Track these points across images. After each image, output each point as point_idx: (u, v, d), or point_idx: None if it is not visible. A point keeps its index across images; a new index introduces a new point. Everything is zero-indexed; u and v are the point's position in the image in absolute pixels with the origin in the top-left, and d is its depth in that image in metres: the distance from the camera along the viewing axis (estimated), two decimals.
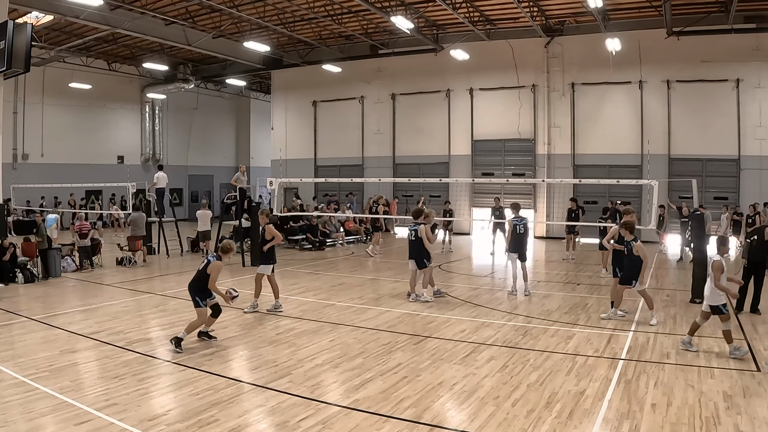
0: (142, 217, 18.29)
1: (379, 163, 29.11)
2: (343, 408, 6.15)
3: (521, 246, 12.63)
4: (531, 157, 25.87)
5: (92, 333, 9.16)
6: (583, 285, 13.99)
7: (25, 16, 20.66)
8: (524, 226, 12.64)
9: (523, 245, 12.66)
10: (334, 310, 11.15)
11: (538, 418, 5.87)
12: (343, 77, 29.49)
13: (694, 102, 22.90)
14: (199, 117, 37.45)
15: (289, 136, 32.35)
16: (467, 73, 26.70)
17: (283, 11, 23.63)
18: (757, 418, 5.82)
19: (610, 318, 10.17)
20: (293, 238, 21.59)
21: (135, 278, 14.88)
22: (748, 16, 20.99)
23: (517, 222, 12.66)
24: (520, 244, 12.62)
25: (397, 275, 15.34)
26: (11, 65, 14.32)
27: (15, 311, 10.82)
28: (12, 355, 7.96)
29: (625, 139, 24.08)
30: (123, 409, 6.02)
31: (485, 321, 10.17)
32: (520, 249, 12.62)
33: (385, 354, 8.14)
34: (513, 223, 12.72)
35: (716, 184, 22.66)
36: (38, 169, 28.22)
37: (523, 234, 12.63)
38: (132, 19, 22.69)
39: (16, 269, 14.06)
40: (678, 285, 13.79)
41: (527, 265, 12.82)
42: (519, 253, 12.59)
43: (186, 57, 31.30)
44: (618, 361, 7.73)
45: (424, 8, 23.24)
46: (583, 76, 24.75)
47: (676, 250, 19.13)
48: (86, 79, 30.15)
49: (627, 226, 10.08)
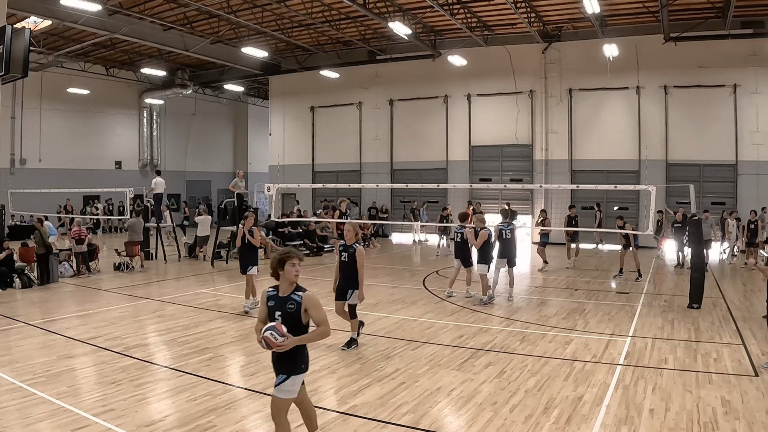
0: (139, 222, 18.27)
1: (377, 168, 29.11)
2: (341, 414, 6.14)
3: (509, 251, 12.65)
4: (528, 162, 25.91)
5: (89, 338, 9.13)
6: (581, 290, 13.99)
7: (23, 21, 20.65)
8: (511, 232, 12.68)
9: (511, 250, 12.69)
10: (331, 315, 11.04)
11: (536, 424, 5.86)
12: (341, 83, 29.52)
13: (692, 107, 22.96)
14: (197, 122, 37.47)
15: (286, 141, 32.35)
16: (465, 79, 26.74)
17: (281, 17, 23.69)
18: (755, 423, 5.82)
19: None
20: (291, 244, 21.58)
21: (132, 284, 14.85)
22: (745, 22, 21.09)
23: (503, 227, 12.71)
24: (508, 250, 12.65)
25: (395, 281, 15.34)
26: (9, 70, 14.26)
27: (12, 316, 10.79)
28: (9, 360, 7.93)
29: (622, 145, 24.12)
30: (120, 414, 6.00)
31: (483, 327, 10.16)
32: (509, 254, 12.64)
33: (382, 360, 8.14)
34: (499, 228, 12.80)
35: (713, 189, 22.71)
36: (36, 175, 28.20)
37: (510, 239, 12.67)
38: (130, 25, 22.71)
39: (13, 274, 14.03)
40: (676, 290, 13.79)
41: (515, 270, 12.92)
42: (508, 258, 12.63)
43: (184, 62, 31.33)
44: (616, 367, 7.73)
45: (422, 14, 23.31)
46: (581, 81, 24.81)
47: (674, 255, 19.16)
48: (84, 84, 30.17)
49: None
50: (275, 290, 4.83)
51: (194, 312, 11.35)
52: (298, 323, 4.67)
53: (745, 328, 9.87)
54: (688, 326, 10.07)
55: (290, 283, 4.74)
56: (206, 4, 21.02)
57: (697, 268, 11.80)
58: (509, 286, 12.65)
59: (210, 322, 10.48)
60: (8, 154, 28.22)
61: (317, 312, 4.73)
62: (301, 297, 4.70)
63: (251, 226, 11.56)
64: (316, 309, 4.70)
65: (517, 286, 12.87)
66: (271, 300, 4.81)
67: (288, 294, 4.75)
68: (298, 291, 4.73)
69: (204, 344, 8.92)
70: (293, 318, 4.67)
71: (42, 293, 13.50)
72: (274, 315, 4.73)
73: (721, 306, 11.91)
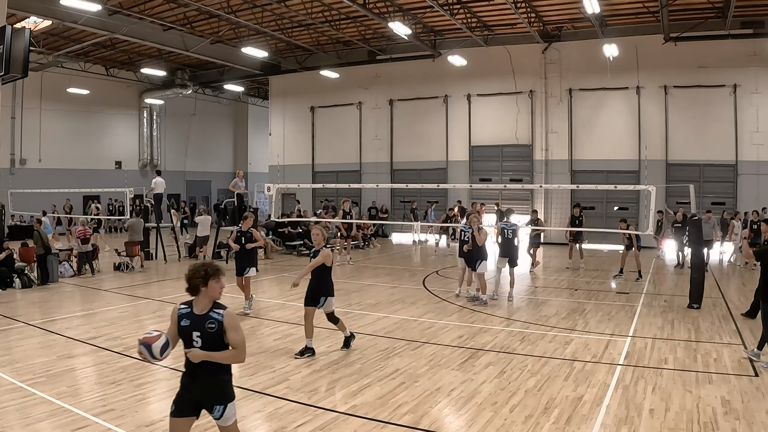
0: (139, 222, 18.27)
1: (377, 168, 29.11)
2: (341, 414, 6.14)
3: (510, 251, 12.67)
4: (529, 162, 25.91)
5: (89, 338, 9.13)
6: (581, 290, 13.99)
7: (23, 21, 20.66)
8: (512, 231, 12.69)
9: (512, 250, 12.70)
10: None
11: (536, 424, 5.86)
12: (341, 83, 29.52)
13: (692, 107, 22.96)
14: (197, 122, 37.47)
15: (286, 141, 32.36)
16: (465, 79, 26.74)
17: (281, 17, 23.70)
18: (755, 423, 5.82)
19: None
20: (291, 244, 21.59)
21: (132, 284, 14.85)
22: (745, 22, 21.09)
23: (505, 226, 12.74)
24: (509, 249, 12.67)
25: (395, 281, 15.35)
26: (9, 70, 14.29)
27: (12, 316, 10.79)
28: (9, 360, 7.93)
29: (622, 145, 24.12)
30: (120, 414, 6.00)
31: (483, 327, 10.16)
32: (510, 254, 12.66)
33: (382, 360, 8.13)
34: (501, 227, 12.86)
35: (713, 189, 22.70)
36: (36, 175, 28.20)
37: (512, 239, 12.68)
38: (130, 25, 22.71)
39: (13, 274, 14.04)
40: (676, 290, 13.79)
41: (516, 271, 12.90)
42: (509, 258, 12.64)
43: (184, 62, 31.34)
44: (616, 367, 7.73)
45: (422, 14, 23.31)
46: (581, 81, 24.81)
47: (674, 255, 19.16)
48: (84, 84, 30.18)
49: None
50: (188, 307, 4.24)
51: None
52: (221, 344, 4.15)
53: (745, 328, 9.87)
54: (688, 326, 10.07)
55: (210, 299, 4.20)
56: (206, 4, 21.03)
57: (697, 268, 11.80)
58: (509, 286, 12.65)
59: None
60: (8, 154, 28.22)
61: (236, 333, 4.18)
62: (223, 315, 4.15)
63: (250, 227, 11.48)
64: (236, 330, 4.17)
65: (517, 286, 12.87)
66: (185, 318, 4.21)
67: (206, 312, 4.18)
68: (217, 308, 4.19)
69: None
70: (215, 339, 4.13)
71: (42, 293, 13.50)
72: (191, 336, 4.14)
73: (721, 306, 11.92)
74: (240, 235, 11.43)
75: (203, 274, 4.14)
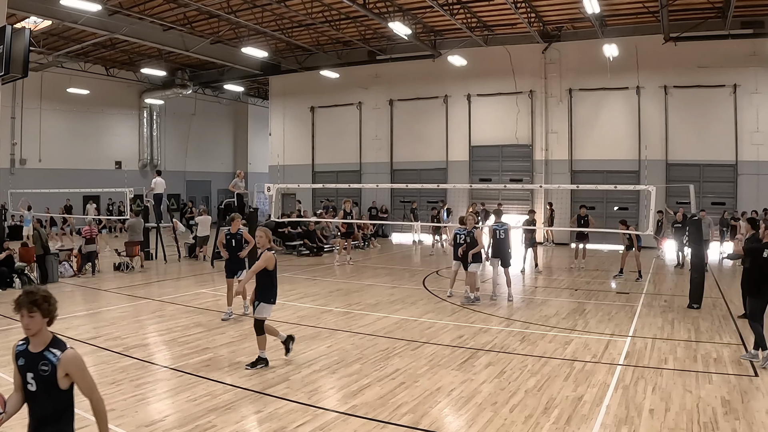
0: (139, 222, 18.26)
1: (377, 169, 29.10)
2: (341, 414, 6.14)
3: (501, 251, 12.68)
4: (529, 162, 25.90)
5: (89, 338, 9.13)
6: (581, 290, 13.99)
7: (23, 21, 20.65)
8: (504, 232, 12.69)
9: (503, 250, 12.71)
10: (332, 315, 11.14)
11: (536, 424, 5.86)
12: (341, 83, 29.52)
13: (692, 107, 22.95)
14: (196, 122, 37.47)
15: (286, 141, 32.36)
16: (465, 79, 26.73)
17: (281, 17, 23.70)
18: (755, 423, 5.82)
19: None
20: (291, 244, 21.59)
21: (132, 284, 14.85)
22: (745, 22, 21.09)
23: (497, 227, 12.75)
24: (501, 250, 12.68)
25: (395, 281, 15.34)
26: (9, 70, 14.28)
27: (12, 316, 10.77)
28: (9, 360, 7.90)
29: (622, 145, 24.11)
30: (120, 414, 5.99)
31: (483, 327, 10.16)
32: (502, 254, 12.67)
33: (382, 360, 8.13)
34: (493, 228, 12.87)
35: (713, 189, 22.70)
36: (36, 175, 28.20)
37: (504, 239, 12.68)
38: (130, 25, 22.71)
39: (13, 274, 14.03)
40: (676, 290, 13.79)
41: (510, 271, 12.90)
42: (501, 259, 12.64)
43: (184, 62, 31.34)
44: (616, 367, 7.73)
45: (422, 14, 23.31)
46: (581, 81, 24.80)
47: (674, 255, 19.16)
48: (84, 84, 30.18)
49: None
50: (25, 344, 3.47)
51: (194, 312, 11.34)
52: (56, 391, 3.38)
53: (745, 328, 9.84)
54: (688, 326, 10.07)
55: (48, 335, 3.40)
56: (206, 4, 21.02)
57: (697, 268, 11.81)
58: (507, 286, 12.65)
59: (210, 322, 10.46)
60: (8, 154, 28.22)
61: (83, 378, 3.43)
62: (59, 357, 3.34)
63: (239, 228, 11.11)
64: (81, 373, 3.42)
65: (517, 286, 12.87)
66: (21, 357, 3.45)
67: (41, 351, 3.38)
68: (54, 347, 3.38)
69: (204, 344, 8.92)
70: (48, 384, 3.35)
71: None
72: (26, 378, 3.39)
73: (721, 306, 11.91)
74: (230, 237, 11.06)
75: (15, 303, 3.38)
